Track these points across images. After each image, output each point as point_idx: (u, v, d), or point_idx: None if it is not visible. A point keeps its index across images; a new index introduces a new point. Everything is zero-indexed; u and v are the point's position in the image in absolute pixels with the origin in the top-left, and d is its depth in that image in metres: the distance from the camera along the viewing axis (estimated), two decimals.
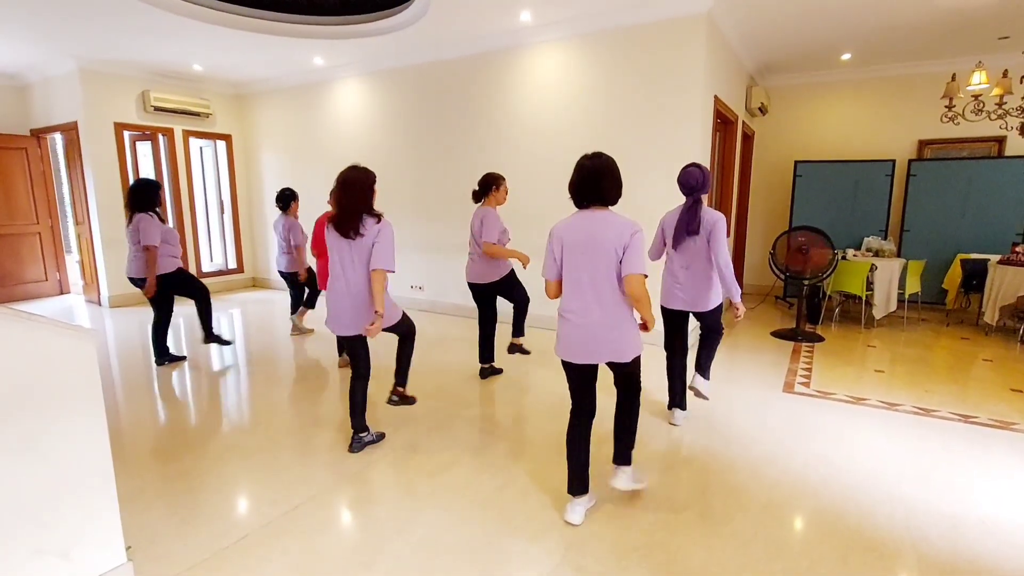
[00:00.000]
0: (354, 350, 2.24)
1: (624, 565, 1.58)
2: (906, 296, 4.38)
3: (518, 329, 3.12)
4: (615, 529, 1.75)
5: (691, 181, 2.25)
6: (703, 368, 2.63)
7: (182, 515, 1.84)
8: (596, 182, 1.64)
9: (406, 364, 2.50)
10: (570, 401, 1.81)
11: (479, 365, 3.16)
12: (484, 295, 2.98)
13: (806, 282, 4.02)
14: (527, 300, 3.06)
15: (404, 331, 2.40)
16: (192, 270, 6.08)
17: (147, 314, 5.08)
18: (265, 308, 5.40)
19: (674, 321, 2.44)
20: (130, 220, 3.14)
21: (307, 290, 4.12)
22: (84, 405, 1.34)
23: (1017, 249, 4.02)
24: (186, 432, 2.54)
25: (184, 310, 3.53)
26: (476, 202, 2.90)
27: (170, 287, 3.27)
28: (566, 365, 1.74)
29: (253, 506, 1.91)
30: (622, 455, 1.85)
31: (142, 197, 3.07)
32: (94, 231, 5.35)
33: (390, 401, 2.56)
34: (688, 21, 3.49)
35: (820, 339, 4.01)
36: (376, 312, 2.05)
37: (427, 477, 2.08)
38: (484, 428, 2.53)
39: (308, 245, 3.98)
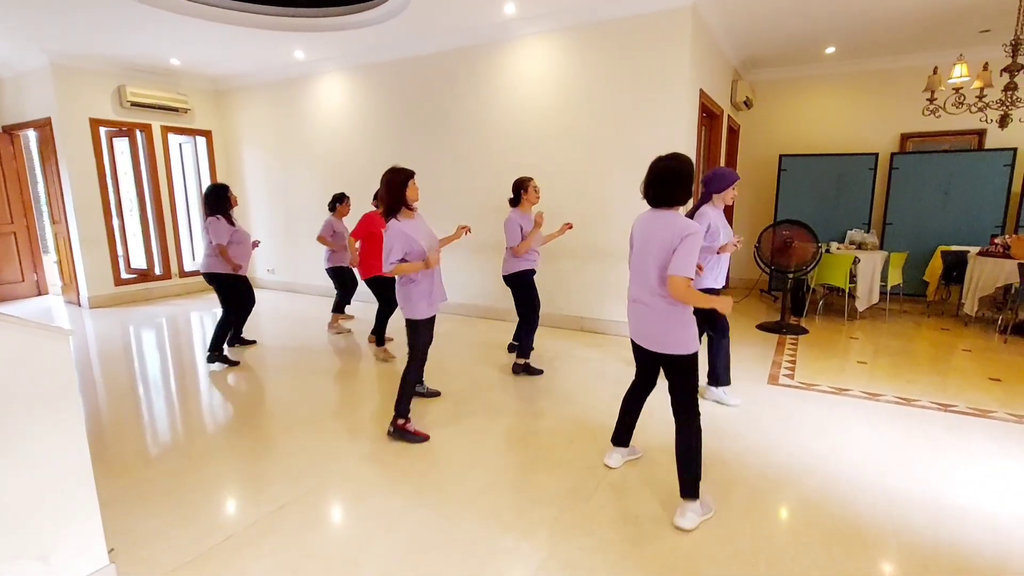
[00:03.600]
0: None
1: (612, 559, 1.59)
2: (888, 288, 4.45)
3: (522, 346, 3.13)
4: (603, 523, 1.76)
5: (704, 180, 2.46)
6: (719, 377, 2.68)
7: (166, 516, 1.81)
8: (662, 184, 1.71)
9: (409, 393, 2.33)
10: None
11: (513, 359, 3.25)
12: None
13: (790, 275, 4.07)
14: (533, 316, 3.07)
15: (415, 345, 2.34)
16: (173, 269, 5.97)
17: (128, 315, 4.99)
18: None
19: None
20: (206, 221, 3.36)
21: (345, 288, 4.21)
22: (61, 407, 1.31)
23: (996, 241, 4.11)
24: (169, 433, 2.49)
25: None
26: (514, 206, 3.08)
27: (229, 287, 3.38)
28: (632, 340, 1.91)
29: (238, 506, 1.88)
30: (682, 487, 1.76)
31: (211, 201, 3.34)
32: (71, 230, 5.21)
33: (390, 434, 2.34)
34: (673, 14, 3.48)
35: (804, 331, 4.07)
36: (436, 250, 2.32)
37: (414, 475, 2.07)
38: (472, 425, 2.52)
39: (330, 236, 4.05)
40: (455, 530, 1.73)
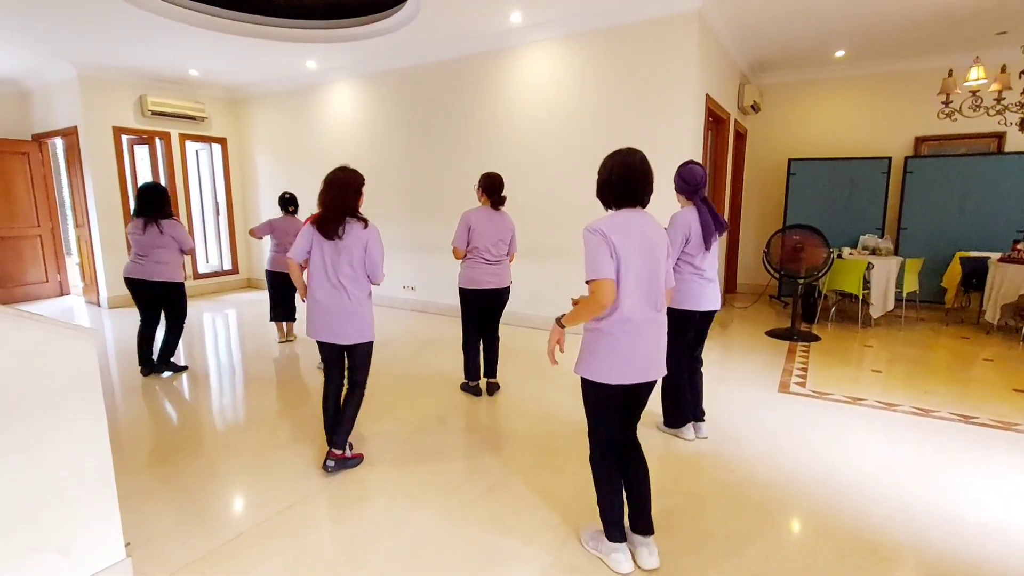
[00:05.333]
0: (333, 359, 2.12)
1: None
2: (904, 295, 4.35)
3: (495, 367, 2.91)
4: None
5: (697, 179, 2.18)
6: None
7: (178, 514, 1.85)
8: (648, 181, 1.48)
9: (352, 420, 2.12)
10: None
11: (469, 381, 2.91)
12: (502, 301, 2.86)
13: (801, 281, 4.01)
14: None
15: (365, 373, 2.13)
16: (188, 271, 6.12)
17: None
18: (260, 309, 5.40)
19: (703, 324, 2.32)
20: (149, 224, 3.02)
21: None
22: (84, 403, 1.35)
23: (1018, 247, 4.00)
24: (183, 432, 2.54)
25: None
26: (498, 208, 2.74)
27: (165, 297, 3.19)
28: (611, 391, 1.47)
29: (248, 505, 1.91)
30: (650, 523, 1.57)
31: (162, 201, 3.10)
32: (93, 233, 5.39)
33: (326, 467, 2.08)
34: (679, 19, 3.49)
35: (816, 339, 3.99)
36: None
37: (418, 478, 2.08)
38: (474, 429, 2.53)
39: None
40: (458, 533, 1.73)
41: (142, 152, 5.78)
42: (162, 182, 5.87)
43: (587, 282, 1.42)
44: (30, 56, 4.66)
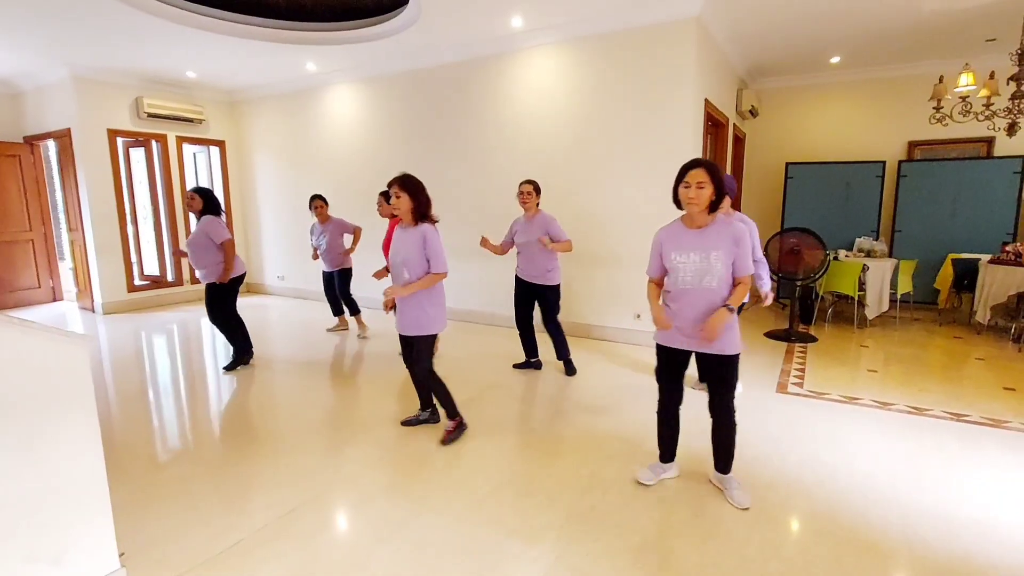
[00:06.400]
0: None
1: (619, 566, 1.58)
2: (898, 296, 4.41)
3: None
4: (610, 530, 1.76)
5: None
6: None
7: (177, 520, 1.83)
8: None
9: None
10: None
11: (513, 365, 3.37)
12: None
13: (798, 283, 4.05)
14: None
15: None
16: (185, 276, 6.07)
17: (141, 321, 5.07)
18: (259, 313, 5.38)
19: None
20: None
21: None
22: (76, 410, 1.34)
23: (1007, 248, 4.07)
24: (180, 438, 2.53)
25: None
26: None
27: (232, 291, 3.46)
28: None
29: (248, 510, 1.90)
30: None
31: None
32: (87, 238, 5.33)
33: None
34: (678, 25, 3.53)
35: (813, 339, 4.04)
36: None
37: (422, 479, 2.08)
38: (478, 430, 2.53)
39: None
40: (462, 534, 1.74)
41: (138, 155, 5.73)
42: (158, 186, 5.84)
43: (742, 277, 1.79)
44: (23, 57, 4.62)
